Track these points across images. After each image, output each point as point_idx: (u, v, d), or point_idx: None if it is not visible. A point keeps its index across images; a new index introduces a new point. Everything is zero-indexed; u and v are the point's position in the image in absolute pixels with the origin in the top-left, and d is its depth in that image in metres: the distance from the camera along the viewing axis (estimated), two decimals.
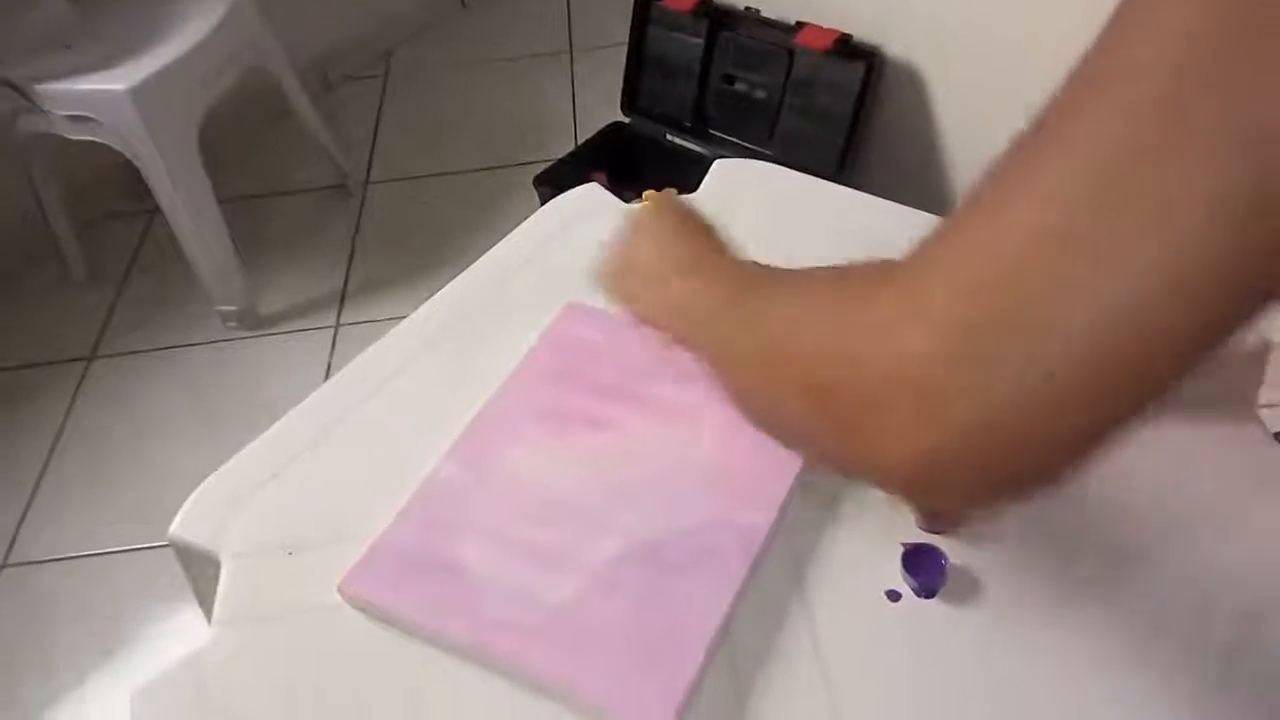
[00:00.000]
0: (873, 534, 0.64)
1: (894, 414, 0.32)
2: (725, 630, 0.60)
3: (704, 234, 0.57)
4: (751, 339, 0.42)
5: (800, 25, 1.72)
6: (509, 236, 0.90)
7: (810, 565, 0.63)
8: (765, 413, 0.41)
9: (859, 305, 0.36)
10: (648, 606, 0.60)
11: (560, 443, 0.70)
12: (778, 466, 0.66)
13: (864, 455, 0.35)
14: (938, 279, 0.33)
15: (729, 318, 0.45)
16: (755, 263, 0.51)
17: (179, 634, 1.45)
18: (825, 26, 1.70)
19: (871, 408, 0.33)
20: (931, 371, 0.32)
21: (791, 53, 1.73)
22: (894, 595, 0.61)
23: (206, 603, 0.69)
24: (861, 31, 1.69)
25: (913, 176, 1.75)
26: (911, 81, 1.69)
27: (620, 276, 0.58)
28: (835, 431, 0.36)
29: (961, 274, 0.32)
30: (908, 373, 0.32)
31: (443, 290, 0.85)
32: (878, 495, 0.66)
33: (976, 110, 1.62)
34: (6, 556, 1.61)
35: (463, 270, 0.87)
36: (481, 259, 0.88)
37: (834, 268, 0.39)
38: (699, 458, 0.68)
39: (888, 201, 0.89)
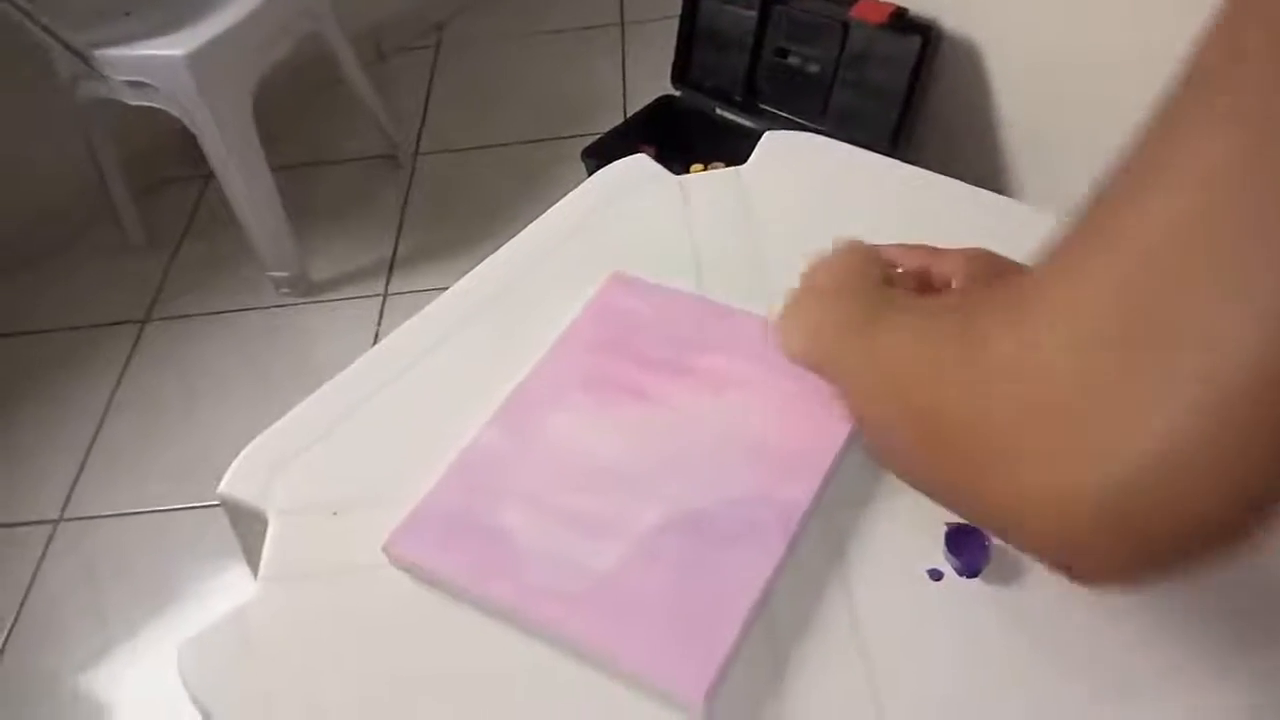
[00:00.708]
0: (916, 512, 0.63)
1: (1029, 455, 0.29)
2: (764, 603, 0.60)
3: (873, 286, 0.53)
4: (875, 375, 0.40)
5: None
6: (556, 206, 0.90)
7: (852, 543, 0.62)
8: (892, 454, 0.39)
9: (973, 341, 0.32)
10: (689, 576, 0.60)
11: (604, 412, 0.70)
12: (822, 441, 0.66)
13: (998, 502, 0.31)
14: (1059, 299, 0.29)
15: (856, 348, 0.43)
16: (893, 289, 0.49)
17: (226, 590, 1.49)
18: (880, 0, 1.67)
19: (1001, 452, 0.30)
20: (1070, 399, 0.27)
21: (846, 26, 1.70)
22: (936, 574, 0.60)
23: (254, 559, 0.70)
24: (917, 5, 1.66)
25: (969, 153, 1.72)
26: (968, 56, 1.65)
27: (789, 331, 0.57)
28: (965, 479, 0.32)
29: (1085, 293, 0.28)
30: (1040, 406, 0.28)
31: (489, 260, 0.86)
32: None
33: (1035, 86, 1.58)
34: (63, 512, 1.65)
35: (509, 240, 0.87)
36: (528, 229, 0.88)
37: (958, 298, 0.37)
38: (744, 430, 0.68)
39: (943, 177, 0.87)
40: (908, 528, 0.63)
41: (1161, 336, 0.26)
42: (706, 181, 0.91)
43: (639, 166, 0.93)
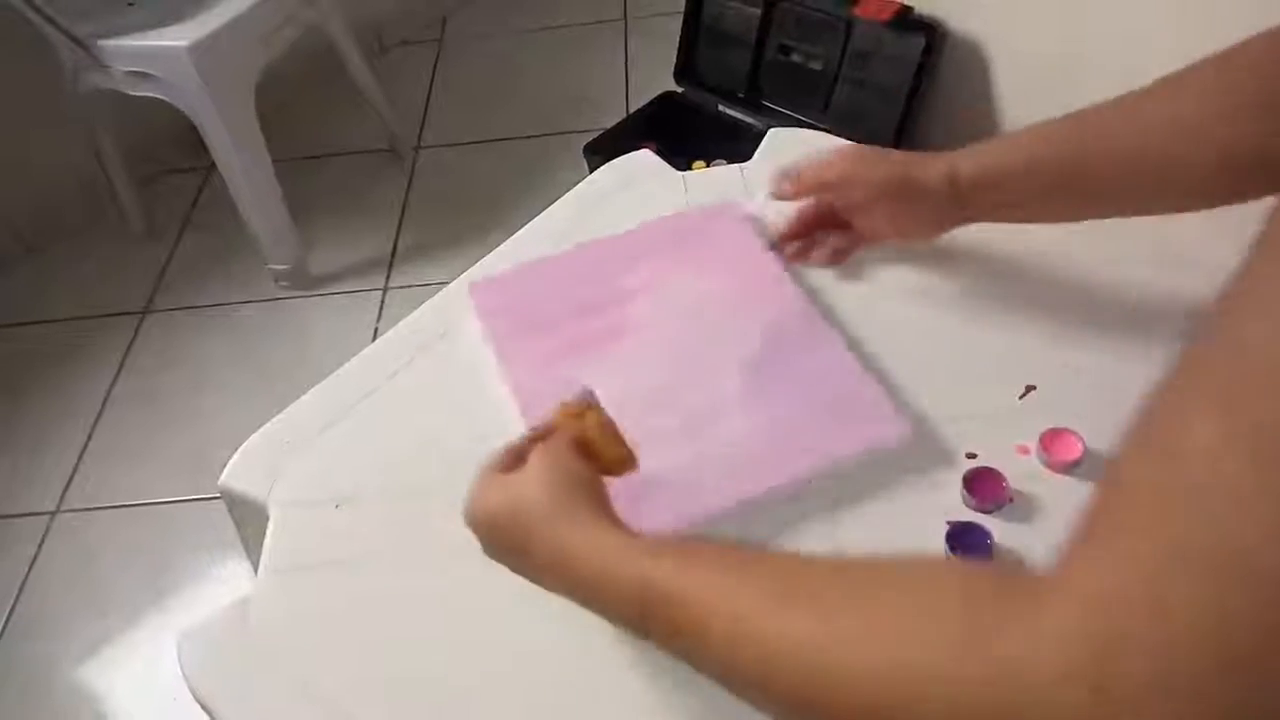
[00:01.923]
0: (918, 511, 0.63)
1: None
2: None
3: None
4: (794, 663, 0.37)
5: None
6: (559, 201, 0.90)
7: (850, 541, 0.62)
8: None
9: (972, 633, 0.31)
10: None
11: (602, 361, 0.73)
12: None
13: None
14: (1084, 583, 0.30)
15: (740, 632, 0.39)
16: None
17: (225, 581, 1.49)
18: None
19: None
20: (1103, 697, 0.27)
21: (850, 24, 1.70)
22: None
23: (254, 552, 0.70)
24: (921, 3, 1.65)
25: None
26: (972, 54, 1.65)
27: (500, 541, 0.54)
28: None
29: (1117, 571, 0.28)
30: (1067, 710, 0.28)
31: (491, 254, 0.86)
32: (925, 473, 0.65)
33: (1038, 84, 1.58)
34: (60, 503, 1.65)
35: (509, 235, 0.87)
36: (530, 224, 0.88)
37: (899, 574, 0.35)
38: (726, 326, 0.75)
39: None
40: (910, 527, 0.63)
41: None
42: (709, 177, 0.91)
43: (642, 162, 0.93)
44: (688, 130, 1.93)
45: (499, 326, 0.77)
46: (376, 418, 0.74)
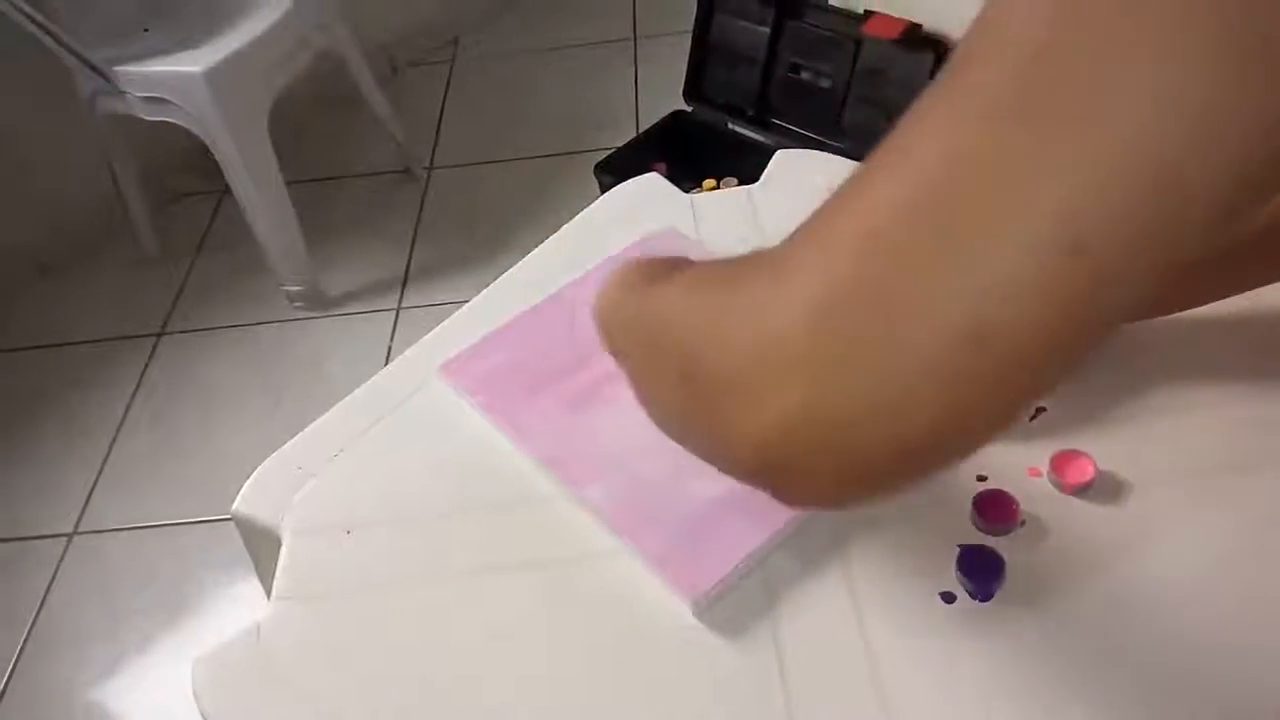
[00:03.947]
0: (928, 535, 0.63)
1: (750, 393, 0.31)
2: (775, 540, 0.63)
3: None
4: (641, 324, 0.40)
5: (868, 14, 1.69)
6: (569, 225, 0.90)
7: (863, 564, 0.62)
8: (652, 404, 0.39)
9: (735, 286, 0.34)
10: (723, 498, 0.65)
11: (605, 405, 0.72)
12: None
13: (721, 436, 0.33)
14: (808, 256, 0.31)
15: (633, 307, 0.42)
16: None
17: (240, 603, 1.49)
18: (894, 15, 1.67)
19: (731, 388, 0.32)
20: (791, 349, 0.30)
21: (859, 42, 1.71)
22: (949, 597, 0.60)
23: (267, 578, 0.70)
24: (931, 21, 1.66)
25: None
26: None
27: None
28: (700, 414, 0.34)
29: (830, 250, 0.30)
30: (768, 349, 0.31)
31: (503, 276, 0.86)
32: (935, 495, 0.65)
33: None
34: (77, 525, 1.66)
35: (523, 257, 0.88)
36: (540, 247, 0.89)
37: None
38: None
39: None
40: (920, 550, 0.62)
41: (883, 309, 0.28)
42: (718, 201, 0.92)
43: (651, 185, 0.93)
44: (698, 149, 1.93)
45: (489, 402, 0.74)
46: (387, 444, 0.74)
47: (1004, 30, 0.28)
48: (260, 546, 0.71)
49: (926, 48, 1.63)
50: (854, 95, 1.74)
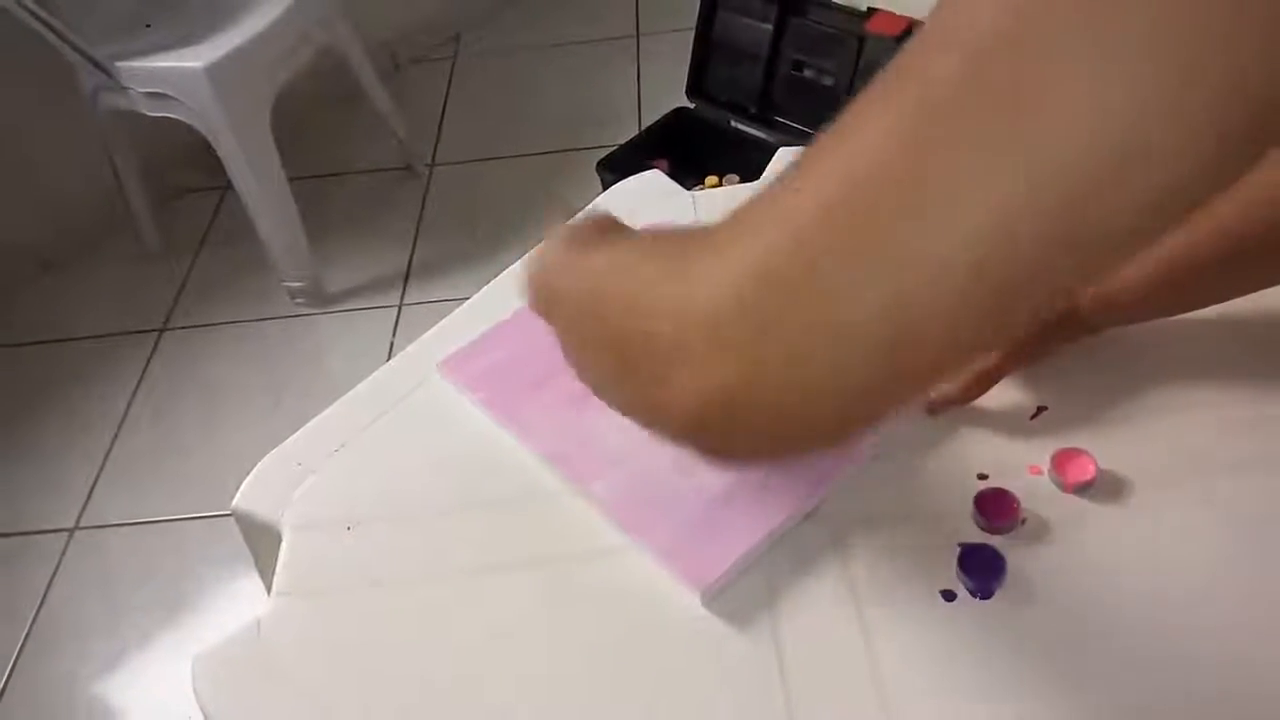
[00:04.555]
0: (930, 533, 0.63)
1: (680, 361, 0.32)
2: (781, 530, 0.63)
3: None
4: (573, 292, 0.41)
5: (871, 11, 1.69)
6: (574, 218, 0.90)
7: (864, 563, 0.62)
8: (579, 366, 0.41)
9: (668, 261, 0.36)
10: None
11: None
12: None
13: (650, 401, 0.35)
14: (743, 235, 0.32)
15: (570, 273, 0.43)
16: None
17: (240, 597, 1.49)
18: (896, 13, 1.67)
19: (662, 356, 0.33)
20: (721, 323, 0.31)
21: (862, 39, 1.70)
22: (949, 595, 0.60)
23: (267, 573, 0.70)
24: None
25: None
26: None
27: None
28: (629, 379, 0.36)
29: (763, 232, 0.31)
30: (699, 322, 0.32)
31: (504, 274, 0.86)
32: (936, 494, 0.65)
33: None
34: (79, 520, 1.66)
35: (525, 251, 0.87)
36: (537, 248, 0.88)
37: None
38: None
39: None
40: (921, 548, 0.62)
41: (808, 293, 0.30)
42: (720, 198, 0.92)
43: (652, 182, 0.93)
44: (700, 145, 1.93)
45: (490, 398, 0.74)
46: (388, 440, 0.74)
47: (952, 25, 0.28)
48: (260, 542, 0.72)
49: None
50: (857, 93, 1.73)
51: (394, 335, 1.89)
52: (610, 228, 0.44)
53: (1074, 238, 0.27)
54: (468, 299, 0.85)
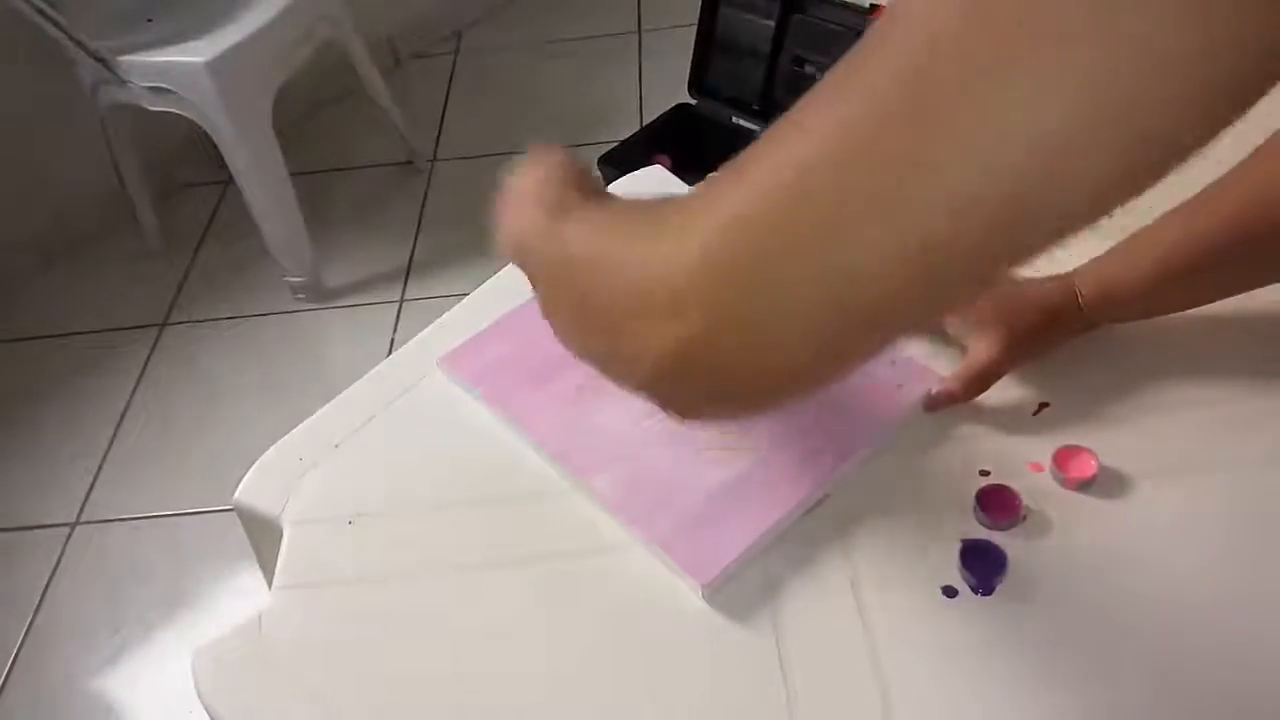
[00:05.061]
0: (931, 528, 0.63)
1: (647, 321, 0.34)
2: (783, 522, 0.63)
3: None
4: (546, 254, 0.43)
5: (874, 7, 1.69)
6: None
7: (866, 559, 0.62)
8: (560, 330, 0.42)
9: (638, 231, 0.37)
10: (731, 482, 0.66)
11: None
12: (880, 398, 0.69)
13: (616, 352, 0.37)
14: (709, 208, 0.33)
15: (545, 237, 0.44)
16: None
17: (240, 593, 1.49)
18: None
19: (631, 315, 0.35)
20: (685, 288, 0.33)
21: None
22: (950, 591, 0.60)
23: (268, 567, 0.70)
24: None
25: None
26: None
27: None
28: (600, 333, 0.38)
29: (727, 207, 0.33)
30: (665, 287, 0.34)
31: (507, 268, 0.86)
32: (938, 490, 0.65)
33: None
34: (79, 515, 1.66)
35: None
36: None
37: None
38: None
39: None
40: (922, 544, 0.62)
41: (765, 266, 0.31)
42: None
43: (655, 177, 0.93)
44: (702, 142, 1.93)
45: (492, 390, 0.74)
46: (390, 435, 0.74)
47: (907, 12, 0.29)
48: (261, 536, 0.71)
49: None
50: None
51: (395, 331, 1.89)
52: (581, 183, 0.46)
53: (1016, 231, 0.28)
54: (468, 294, 0.85)
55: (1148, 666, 0.56)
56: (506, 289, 0.83)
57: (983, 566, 0.60)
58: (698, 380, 0.35)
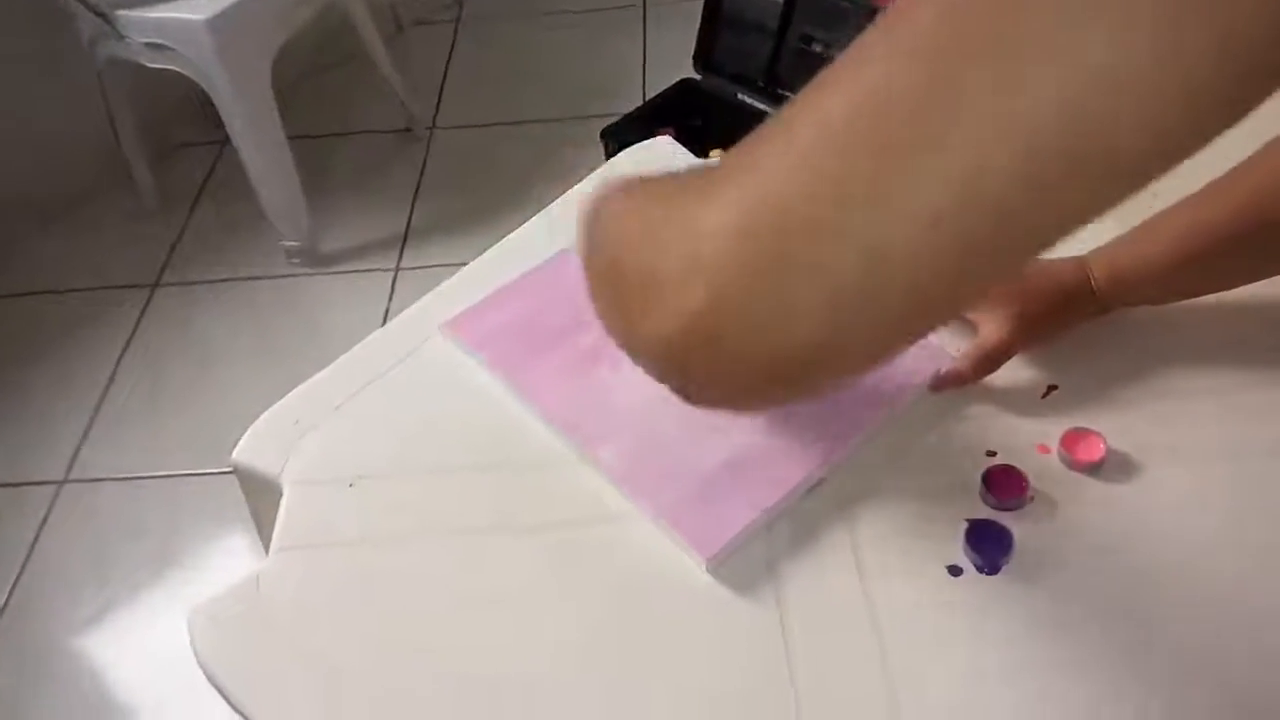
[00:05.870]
0: (936, 509, 0.63)
1: (665, 291, 0.33)
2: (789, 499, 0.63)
3: None
4: (598, 233, 0.42)
5: None
6: (576, 187, 0.89)
7: (871, 538, 0.62)
8: (595, 300, 0.41)
9: (668, 200, 0.36)
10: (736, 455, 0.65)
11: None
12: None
13: (633, 328, 0.36)
14: (735, 179, 0.33)
15: (592, 212, 0.44)
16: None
17: (229, 555, 1.49)
18: None
19: (649, 285, 0.34)
20: (708, 259, 0.32)
21: (873, 13, 1.68)
22: (956, 570, 0.60)
23: (265, 528, 0.70)
24: None
25: None
26: None
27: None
28: (619, 306, 0.37)
29: (753, 178, 0.32)
30: (687, 257, 0.33)
31: (506, 239, 0.85)
32: (944, 469, 0.65)
33: None
34: (67, 473, 1.65)
35: (524, 219, 0.87)
36: (546, 208, 0.87)
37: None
38: None
39: None
40: (928, 524, 0.62)
41: (788, 239, 0.30)
42: None
43: (662, 148, 0.92)
44: (706, 118, 1.91)
45: (497, 356, 0.73)
46: (391, 399, 0.73)
47: None
48: (260, 497, 0.71)
49: None
50: None
51: (391, 298, 1.88)
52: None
53: (1051, 193, 0.27)
54: (464, 264, 0.84)
55: (1151, 646, 0.56)
56: (509, 257, 0.82)
57: (988, 546, 0.60)
58: (708, 358, 0.34)
